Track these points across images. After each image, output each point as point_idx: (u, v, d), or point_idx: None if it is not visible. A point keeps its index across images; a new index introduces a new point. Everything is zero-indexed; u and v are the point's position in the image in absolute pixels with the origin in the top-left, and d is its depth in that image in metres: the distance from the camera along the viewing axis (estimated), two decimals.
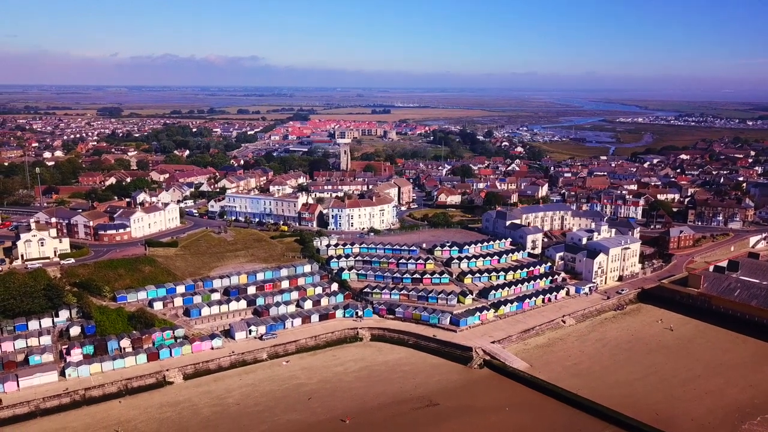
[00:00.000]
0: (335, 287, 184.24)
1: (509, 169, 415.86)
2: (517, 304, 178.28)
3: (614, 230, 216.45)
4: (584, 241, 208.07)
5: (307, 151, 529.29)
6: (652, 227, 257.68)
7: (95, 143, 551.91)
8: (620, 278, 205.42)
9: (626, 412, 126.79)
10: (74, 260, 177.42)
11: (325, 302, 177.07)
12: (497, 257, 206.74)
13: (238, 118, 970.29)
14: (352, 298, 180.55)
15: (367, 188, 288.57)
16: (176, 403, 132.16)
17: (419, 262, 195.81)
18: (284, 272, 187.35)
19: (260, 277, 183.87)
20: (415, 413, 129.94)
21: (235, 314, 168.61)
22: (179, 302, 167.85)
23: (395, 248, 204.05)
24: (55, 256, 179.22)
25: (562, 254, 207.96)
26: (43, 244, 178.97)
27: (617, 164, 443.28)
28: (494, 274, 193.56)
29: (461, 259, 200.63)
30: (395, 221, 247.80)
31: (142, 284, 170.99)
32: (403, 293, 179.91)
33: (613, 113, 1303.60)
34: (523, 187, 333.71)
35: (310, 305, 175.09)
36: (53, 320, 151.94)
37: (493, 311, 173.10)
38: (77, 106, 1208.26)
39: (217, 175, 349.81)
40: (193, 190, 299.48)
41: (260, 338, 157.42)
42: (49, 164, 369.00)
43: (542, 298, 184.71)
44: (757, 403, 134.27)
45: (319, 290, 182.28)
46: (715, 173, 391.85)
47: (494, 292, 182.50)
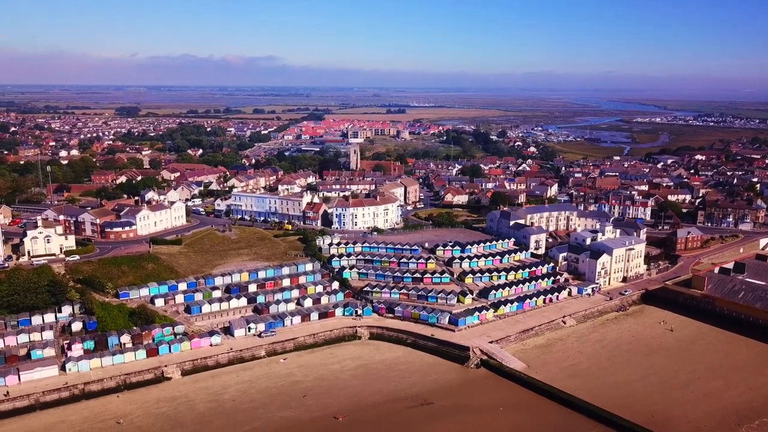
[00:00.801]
0: (336, 286, 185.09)
1: (519, 169, 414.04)
2: (517, 304, 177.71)
3: (619, 231, 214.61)
4: (588, 241, 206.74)
5: (318, 150, 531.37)
6: (660, 228, 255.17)
7: (111, 142, 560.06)
8: (624, 279, 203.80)
9: (622, 413, 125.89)
10: (79, 257, 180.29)
11: (325, 301, 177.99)
12: (499, 257, 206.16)
13: (252, 117, 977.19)
14: (352, 296, 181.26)
15: (375, 188, 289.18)
16: (173, 398, 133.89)
17: (420, 261, 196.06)
18: (286, 270, 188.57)
19: (262, 275, 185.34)
20: (408, 412, 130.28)
21: (235, 312, 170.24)
22: (180, 299, 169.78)
23: (397, 247, 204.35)
24: (60, 252, 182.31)
25: (565, 255, 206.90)
26: (49, 240, 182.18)
27: (630, 164, 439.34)
28: (495, 274, 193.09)
29: (463, 258, 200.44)
30: (399, 221, 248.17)
31: (144, 281, 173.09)
32: (403, 292, 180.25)
33: (630, 113, 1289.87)
34: (532, 187, 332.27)
35: (310, 303, 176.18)
36: (56, 316, 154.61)
37: (492, 311, 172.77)
38: (96, 105, 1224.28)
39: (227, 174, 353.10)
40: (201, 188, 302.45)
41: (259, 336, 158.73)
42: (63, 163, 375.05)
43: (543, 298, 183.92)
44: (756, 406, 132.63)
45: (319, 289, 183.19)
46: (729, 174, 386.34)
47: (494, 292, 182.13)
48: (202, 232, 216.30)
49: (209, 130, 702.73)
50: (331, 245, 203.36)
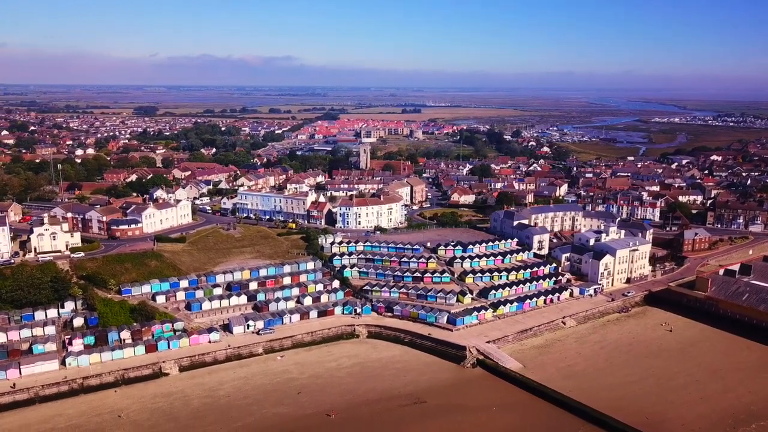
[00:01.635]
0: (336, 284, 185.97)
1: (530, 169, 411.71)
2: (517, 304, 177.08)
3: (623, 231, 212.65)
4: (592, 242, 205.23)
5: (330, 150, 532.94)
6: (667, 229, 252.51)
7: (126, 141, 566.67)
8: (628, 280, 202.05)
9: (615, 414, 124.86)
10: (84, 254, 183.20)
11: (324, 299, 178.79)
12: (501, 257, 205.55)
13: (268, 117, 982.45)
14: (352, 295, 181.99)
15: (381, 187, 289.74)
16: (169, 393, 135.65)
17: (421, 260, 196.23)
18: (287, 269, 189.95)
19: (263, 273, 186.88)
20: (401, 410, 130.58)
21: (235, 309, 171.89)
22: (181, 296, 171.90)
23: (399, 247, 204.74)
24: (66, 249, 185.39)
25: (568, 255, 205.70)
26: (55, 237, 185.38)
27: (643, 165, 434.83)
28: (496, 274, 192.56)
29: (464, 258, 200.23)
30: (403, 220, 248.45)
31: (147, 278, 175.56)
32: (402, 291, 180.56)
33: (649, 113, 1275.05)
34: (541, 187, 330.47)
35: (309, 302, 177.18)
36: (59, 311, 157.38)
37: (491, 311, 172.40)
38: (115, 105, 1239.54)
39: (237, 173, 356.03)
40: (210, 187, 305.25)
41: (257, 333, 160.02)
42: (77, 161, 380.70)
43: (544, 299, 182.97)
44: (753, 409, 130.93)
45: (320, 287, 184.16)
46: (744, 175, 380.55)
47: (494, 292, 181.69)
48: (206, 230, 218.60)
49: (223, 129, 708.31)
50: (333, 244, 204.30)
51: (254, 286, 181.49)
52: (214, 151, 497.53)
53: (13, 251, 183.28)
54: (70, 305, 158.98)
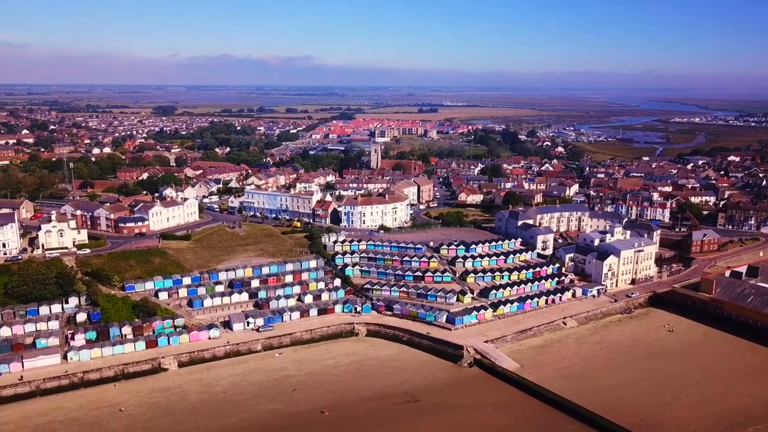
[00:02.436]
0: (338, 283, 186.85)
1: (542, 169, 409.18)
2: (517, 304, 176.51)
3: (629, 232, 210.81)
4: (596, 242, 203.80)
5: (343, 149, 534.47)
6: (677, 230, 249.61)
7: (143, 140, 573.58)
8: (633, 281, 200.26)
9: (610, 415, 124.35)
10: (90, 250, 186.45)
11: (325, 297, 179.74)
12: (504, 257, 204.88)
13: (284, 117, 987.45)
14: (353, 293, 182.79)
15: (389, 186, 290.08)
16: (167, 388, 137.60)
17: (423, 260, 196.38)
18: (289, 267, 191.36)
19: (265, 270, 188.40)
20: (395, 408, 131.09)
21: (236, 306, 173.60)
22: (184, 293, 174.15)
23: (401, 246, 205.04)
24: (73, 246, 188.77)
25: (572, 255, 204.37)
26: (62, 234, 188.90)
27: (657, 165, 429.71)
28: (498, 273, 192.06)
29: (466, 258, 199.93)
30: (408, 219, 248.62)
31: (150, 275, 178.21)
32: (403, 290, 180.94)
33: (669, 113, 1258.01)
34: (551, 187, 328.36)
35: (310, 300, 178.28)
36: (63, 306, 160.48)
37: (491, 311, 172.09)
38: (135, 104, 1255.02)
39: (249, 171, 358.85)
40: (220, 186, 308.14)
41: (257, 330, 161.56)
42: (92, 160, 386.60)
43: (546, 299, 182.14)
44: (752, 413, 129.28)
45: (321, 285, 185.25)
46: (761, 176, 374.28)
47: (495, 291, 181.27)
48: (212, 228, 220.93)
49: (239, 128, 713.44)
50: (335, 243, 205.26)
51: (256, 283, 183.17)
52: (228, 150, 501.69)
53: (21, 247, 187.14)
54: (74, 301, 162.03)
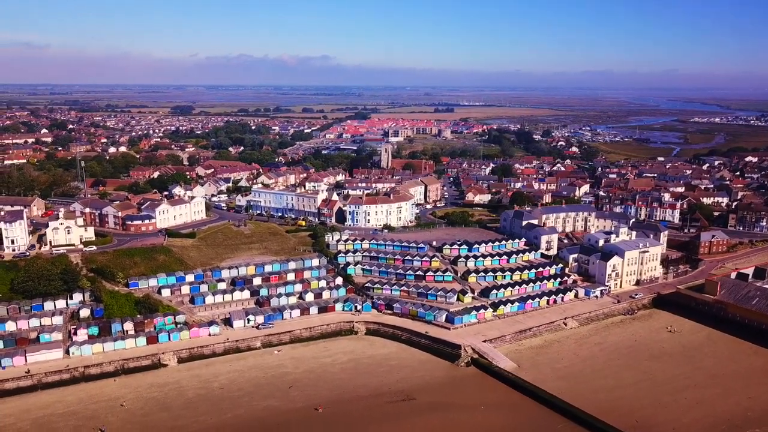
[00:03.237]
0: (339, 281, 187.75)
1: (553, 169, 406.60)
2: (518, 304, 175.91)
3: (635, 233, 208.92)
4: (601, 243, 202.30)
5: (356, 149, 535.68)
6: (685, 231, 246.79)
7: (159, 139, 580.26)
8: (638, 282, 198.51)
9: (605, 416, 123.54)
10: (96, 247, 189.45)
11: (326, 295, 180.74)
12: (506, 257, 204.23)
13: (299, 116, 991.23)
14: (354, 292, 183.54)
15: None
16: (165, 384, 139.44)
17: (425, 259, 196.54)
18: (292, 265, 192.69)
19: (268, 269, 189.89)
20: (389, 406, 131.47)
21: (238, 303, 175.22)
22: (186, 290, 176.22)
23: (404, 245, 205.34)
24: (80, 243, 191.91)
25: (576, 256, 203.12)
26: (69, 231, 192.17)
27: (671, 165, 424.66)
28: (500, 273, 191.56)
29: (468, 257, 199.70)
30: (413, 219, 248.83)
31: (154, 272, 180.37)
32: (403, 289, 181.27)
33: (689, 113, 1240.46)
34: (561, 187, 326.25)
35: (311, 298, 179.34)
36: (67, 302, 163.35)
37: (491, 310, 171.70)
38: (154, 104, 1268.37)
39: (260, 171, 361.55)
40: (230, 185, 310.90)
41: (257, 327, 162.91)
42: (107, 159, 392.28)
43: (547, 299, 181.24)
44: (750, 416, 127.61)
45: (323, 284, 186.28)
46: None
47: (496, 291, 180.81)
48: (218, 226, 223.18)
49: (253, 128, 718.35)
50: (339, 241, 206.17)
51: (258, 281, 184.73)
52: (241, 149, 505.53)
53: (30, 244, 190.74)
54: (78, 297, 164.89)
